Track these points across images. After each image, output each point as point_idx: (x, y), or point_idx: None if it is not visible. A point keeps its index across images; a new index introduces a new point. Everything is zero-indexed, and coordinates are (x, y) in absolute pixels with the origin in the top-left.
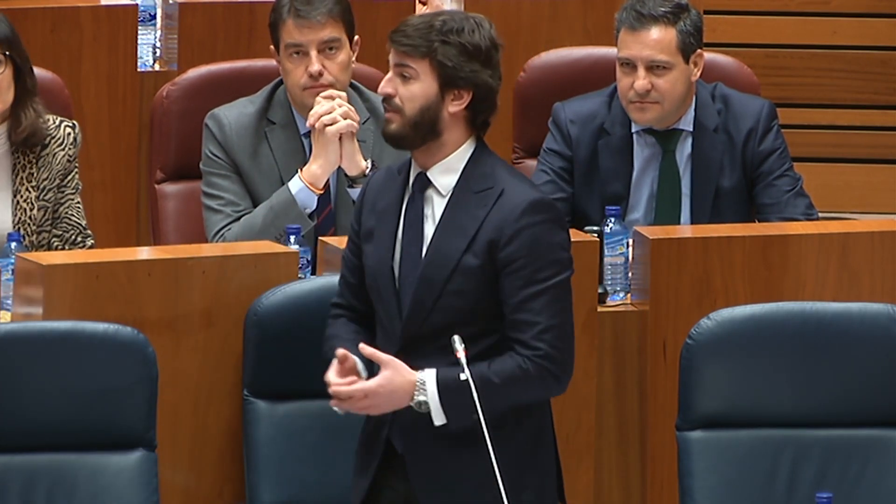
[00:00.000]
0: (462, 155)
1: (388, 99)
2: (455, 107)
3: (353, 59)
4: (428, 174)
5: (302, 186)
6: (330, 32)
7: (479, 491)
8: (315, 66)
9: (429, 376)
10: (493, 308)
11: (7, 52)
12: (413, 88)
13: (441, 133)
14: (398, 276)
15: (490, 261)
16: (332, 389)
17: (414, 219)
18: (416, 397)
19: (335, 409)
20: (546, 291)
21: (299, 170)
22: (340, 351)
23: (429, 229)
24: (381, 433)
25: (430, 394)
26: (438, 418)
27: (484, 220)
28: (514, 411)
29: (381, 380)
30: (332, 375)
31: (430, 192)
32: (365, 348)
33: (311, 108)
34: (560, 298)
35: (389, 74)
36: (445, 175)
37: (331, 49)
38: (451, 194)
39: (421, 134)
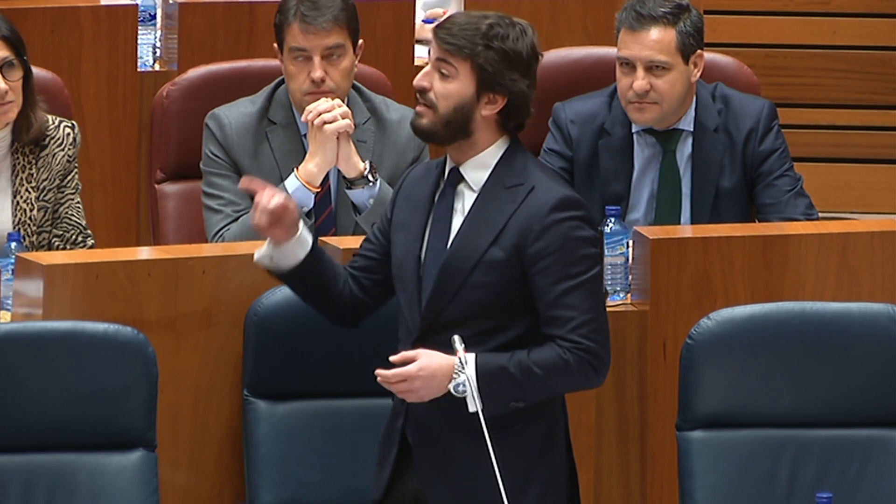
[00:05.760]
0: (495, 151)
1: (422, 92)
2: (488, 110)
3: (357, 63)
4: (461, 169)
5: (298, 185)
6: (335, 39)
7: (484, 486)
8: (318, 73)
9: (468, 359)
10: (513, 304)
11: (23, 57)
12: (450, 87)
13: (472, 133)
14: (423, 266)
15: (516, 255)
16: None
17: (443, 212)
18: (454, 379)
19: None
20: (579, 286)
21: (295, 169)
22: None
23: (457, 222)
24: (397, 424)
25: (468, 374)
26: (474, 404)
27: (513, 214)
28: (524, 411)
29: (418, 364)
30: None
31: (461, 186)
32: (394, 358)
33: None
34: (594, 293)
35: (427, 68)
36: (478, 170)
37: (334, 56)
38: (482, 189)
39: (451, 132)
